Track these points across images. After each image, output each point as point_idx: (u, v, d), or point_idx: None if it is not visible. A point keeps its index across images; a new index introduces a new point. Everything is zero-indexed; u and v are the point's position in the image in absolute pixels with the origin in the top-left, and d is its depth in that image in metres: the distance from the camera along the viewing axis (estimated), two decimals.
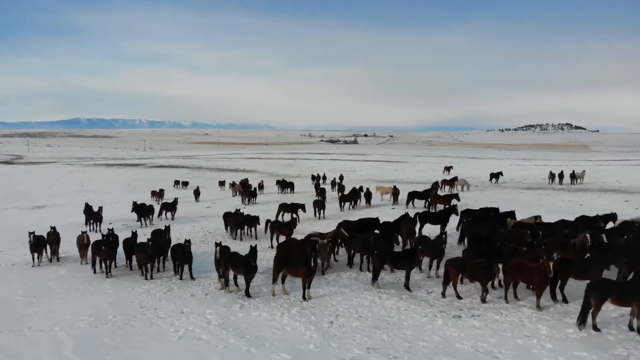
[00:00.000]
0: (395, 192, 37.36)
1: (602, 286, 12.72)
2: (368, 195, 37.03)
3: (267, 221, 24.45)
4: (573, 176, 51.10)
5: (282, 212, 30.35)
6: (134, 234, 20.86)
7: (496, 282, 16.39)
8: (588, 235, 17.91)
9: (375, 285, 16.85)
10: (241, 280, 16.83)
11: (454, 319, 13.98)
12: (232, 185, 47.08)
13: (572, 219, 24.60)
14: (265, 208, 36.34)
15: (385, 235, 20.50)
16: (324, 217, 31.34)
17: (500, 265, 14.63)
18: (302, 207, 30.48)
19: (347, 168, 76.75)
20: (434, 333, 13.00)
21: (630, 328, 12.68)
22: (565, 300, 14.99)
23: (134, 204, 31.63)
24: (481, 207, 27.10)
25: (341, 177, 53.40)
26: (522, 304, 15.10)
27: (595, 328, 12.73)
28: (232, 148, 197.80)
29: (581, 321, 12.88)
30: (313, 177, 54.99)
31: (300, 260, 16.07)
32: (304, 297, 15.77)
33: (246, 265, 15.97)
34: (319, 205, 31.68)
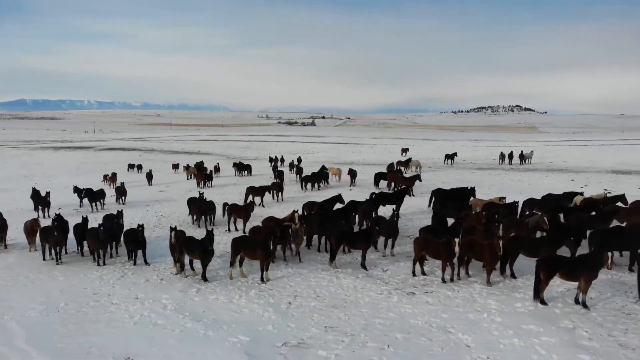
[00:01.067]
0: (352, 174, 37.73)
1: (551, 262, 13.38)
2: (326, 176, 37.68)
3: (224, 204, 24.19)
4: (522, 156, 53.07)
5: (250, 196, 30.01)
6: (85, 219, 20.19)
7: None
8: (545, 217, 18.59)
9: (333, 265, 17.08)
10: (197, 264, 16.66)
11: (408, 296, 14.39)
12: (187, 168, 46.11)
13: (520, 198, 25.64)
14: (221, 191, 35.97)
15: (342, 216, 20.73)
16: (282, 200, 31.34)
17: (456, 240, 15.15)
18: (269, 189, 30.73)
19: (305, 150, 76.75)
20: (389, 310, 13.35)
21: (576, 302, 13.42)
22: (513, 276, 15.68)
23: (75, 188, 30.77)
24: (452, 188, 27.51)
25: (299, 160, 53.37)
26: (473, 280, 15.71)
27: (543, 302, 13.41)
28: (186, 130, 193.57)
29: (536, 295, 13.55)
30: (271, 160, 54.66)
31: (258, 243, 16.05)
32: (262, 280, 15.80)
33: (202, 249, 15.80)
34: (277, 187, 31.63)
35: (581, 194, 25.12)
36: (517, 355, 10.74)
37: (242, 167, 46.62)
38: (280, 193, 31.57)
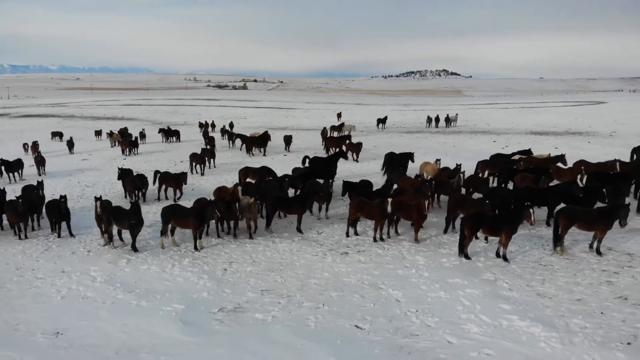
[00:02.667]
0: (287, 139, 37.25)
1: (475, 219, 14.18)
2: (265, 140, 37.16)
3: (156, 172, 23.22)
4: (448, 120, 55.07)
5: (193, 163, 29.05)
6: (2, 191, 18.84)
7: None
8: (461, 175, 19.70)
9: (269, 231, 17.15)
10: (126, 234, 16.14)
11: (342, 256, 14.81)
12: (110, 134, 43.76)
13: (446, 159, 26.73)
14: (148, 159, 34.70)
15: (276, 182, 20.68)
16: (214, 167, 30.72)
17: (389, 200, 15.64)
18: (210, 152, 30.61)
19: (237, 115, 75.15)
20: (324, 270, 13.71)
21: (497, 255, 14.39)
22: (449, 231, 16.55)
23: None
24: (400, 152, 27.61)
25: (231, 125, 52.26)
26: (402, 238, 16.39)
27: (467, 257, 14.27)
28: (108, 94, 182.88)
29: (460, 251, 14.36)
30: (201, 125, 53.02)
31: (189, 211, 15.75)
32: (195, 248, 15.60)
33: (131, 219, 15.28)
34: (209, 154, 30.88)
35: (529, 151, 26.12)
36: (443, 307, 11.43)
37: (169, 133, 44.92)
38: (212, 160, 30.88)
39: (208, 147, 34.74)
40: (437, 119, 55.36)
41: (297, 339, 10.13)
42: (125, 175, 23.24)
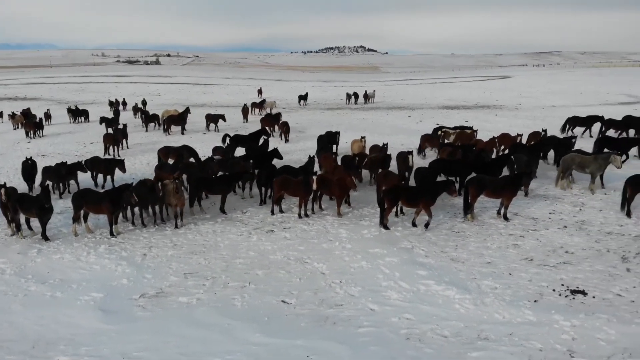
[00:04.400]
0: (208, 118, 35.77)
1: (394, 191, 14.74)
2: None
3: (85, 162, 21.16)
4: (366, 96, 56.25)
5: (107, 145, 27.30)
6: None
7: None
8: (411, 156, 19.54)
9: (191, 212, 16.74)
10: (35, 223, 15.09)
11: (267, 234, 14.85)
12: (12, 116, 40.16)
13: (366, 135, 27.37)
14: (55, 141, 32.35)
15: (201, 163, 20.06)
16: (127, 147, 29.26)
17: (314, 177, 15.82)
18: (123, 133, 28.96)
19: (151, 92, 71.86)
20: (249, 249, 13.68)
21: (413, 224, 15.09)
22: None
23: None
24: (327, 131, 27.37)
25: (144, 102, 49.90)
26: (325, 213, 16.70)
27: (386, 227, 14.85)
28: (8, 72, 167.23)
29: (380, 222, 14.93)
30: (111, 103, 50.09)
31: (103, 196, 14.98)
32: (111, 234, 14.91)
33: (39, 206, 14.28)
34: (121, 134, 29.26)
35: (470, 128, 26.97)
36: (365, 276, 11.88)
37: (77, 113, 41.98)
38: (125, 140, 29.27)
39: (121, 126, 32.92)
40: (356, 96, 56.34)
41: (223, 319, 10.10)
42: (48, 171, 19.51)
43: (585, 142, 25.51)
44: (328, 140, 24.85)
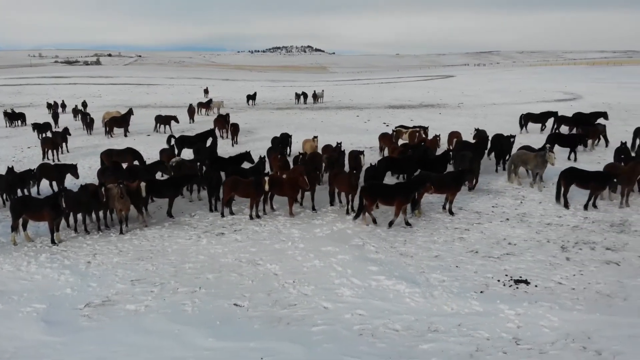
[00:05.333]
0: (159, 119, 34.57)
1: (372, 189, 14.93)
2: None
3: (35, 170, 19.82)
4: (315, 96, 56.46)
5: (46, 149, 25.85)
6: None
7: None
8: (362, 155, 19.64)
9: (139, 218, 16.17)
10: None
11: (217, 237, 14.61)
12: None
13: (316, 134, 27.46)
14: None
15: (147, 166, 19.47)
16: (67, 151, 27.96)
17: (266, 178, 15.68)
18: (62, 136, 27.65)
19: (91, 93, 69.02)
20: (199, 253, 13.41)
21: (390, 225, 15.08)
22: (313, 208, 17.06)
23: None
24: (281, 134, 26.88)
25: (84, 104, 47.91)
26: (277, 213, 16.62)
27: (374, 222, 15.14)
28: None
29: (356, 216, 15.32)
30: (49, 106, 47.70)
31: (44, 202, 14.25)
32: (52, 242, 14.22)
33: None
34: (61, 137, 27.95)
35: (426, 128, 27.15)
36: (318, 274, 11.92)
37: (14, 117, 39.73)
38: (64, 144, 27.96)
39: (60, 130, 31.41)
40: (305, 95, 56.44)
41: (174, 325, 9.86)
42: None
43: (537, 138, 26.68)
44: (282, 141, 24.69)
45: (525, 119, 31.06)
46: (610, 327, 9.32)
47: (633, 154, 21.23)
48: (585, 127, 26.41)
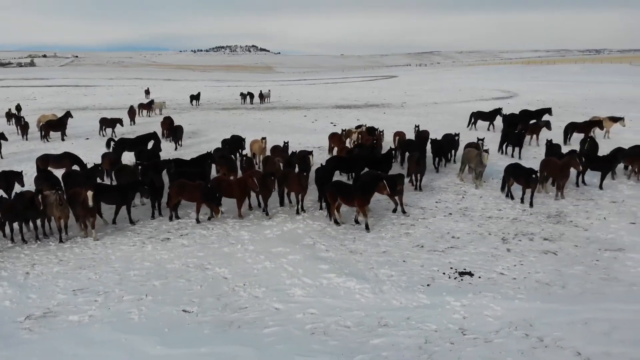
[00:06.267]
0: (103, 122, 33.02)
1: (335, 188, 15.01)
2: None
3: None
4: (261, 96, 56.09)
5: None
6: None
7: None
8: (311, 155, 19.23)
9: (81, 226, 15.45)
10: None
11: (163, 242, 14.23)
12: None
13: (263, 134, 27.32)
14: None
15: (87, 171, 18.61)
16: (1, 157, 26.31)
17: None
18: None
19: (25, 96, 65.40)
20: (144, 260, 13.01)
21: (356, 221, 15.13)
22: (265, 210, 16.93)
23: None
24: (232, 135, 26.14)
25: (18, 108, 45.27)
26: (226, 215, 16.38)
27: (336, 222, 15.15)
28: None
29: (329, 215, 15.47)
30: None
31: None
32: None
33: None
34: None
35: (375, 128, 27.18)
36: (269, 276, 11.87)
37: None
38: None
39: None
40: (252, 95, 55.98)
41: (120, 335, 9.53)
42: None
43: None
44: (235, 144, 23.92)
45: (475, 117, 32.19)
46: (550, 314, 9.82)
47: (567, 147, 22.55)
48: (526, 124, 27.69)
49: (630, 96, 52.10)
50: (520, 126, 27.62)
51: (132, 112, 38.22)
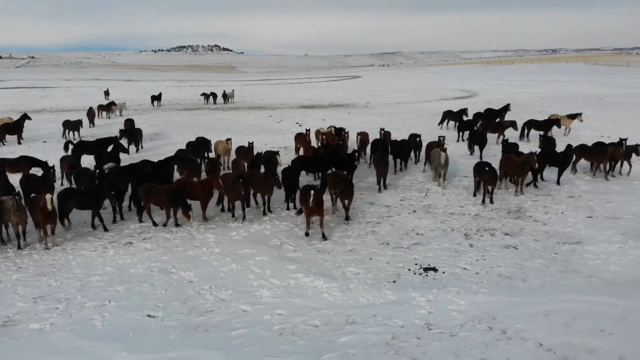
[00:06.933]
0: (66, 125, 31.80)
1: (305, 189, 14.65)
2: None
3: None
4: (225, 96, 55.52)
5: None
6: None
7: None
8: (278, 156, 19.23)
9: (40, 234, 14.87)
10: None
11: (125, 247, 13.90)
12: None
13: (228, 134, 27.05)
14: None
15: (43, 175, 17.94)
16: None
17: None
18: None
19: None
20: (106, 265, 12.67)
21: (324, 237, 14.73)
22: (222, 210, 16.74)
23: None
24: (197, 137, 25.57)
25: None
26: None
27: (300, 212, 14.95)
28: None
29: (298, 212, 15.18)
30: None
31: None
32: None
33: None
34: None
35: (343, 128, 27.04)
36: (236, 278, 11.77)
37: None
38: None
39: None
40: (215, 95, 55.35)
41: (83, 342, 9.26)
42: None
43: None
44: (201, 146, 23.44)
45: (445, 116, 32.77)
46: (513, 307, 10.10)
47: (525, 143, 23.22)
48: (487, 122, 28.36)
49: (585, 94, 54.23)
50: (480, 126, 28.20)
51: (91, 114, 37.10)
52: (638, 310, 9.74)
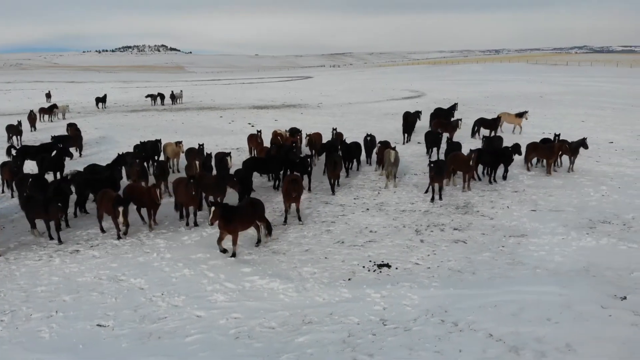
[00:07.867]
0: (9, 129, 29.96)
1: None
2: None
3: None
4: (173, 97, 54.31)
5: None
6: None
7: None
8: (229, 157, 19.16)
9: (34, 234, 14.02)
10: None
11: (72, 255, 13.35)
12: None
13: (177, 136, 26.46)
14: None
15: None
16: None
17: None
18: None
19: None
20: (52, 274, 12.12)
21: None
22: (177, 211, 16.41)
23: None
24: (147, 140, 24.32)
25: None
26: (140, 224, 15.67)
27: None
28: None
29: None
30: None
31: None
32: None
33: None
34: None
35: (298, 129, 26.50)
36: (189, 283, 11.53)
37: None
38: None
39: None
40: (162, 96, 54.07)
41: (31, 355, 8.83)
42: None
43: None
44: (151, 149, 22.69)
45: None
46: (463, 300, 10.42)
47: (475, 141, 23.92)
48: (442, 122, 28.94)
49: (526, 92, 56.72)
50: (434, 126, 28.70)
51: (32, 117, 35.37)
52: (582, 298, 10.25)
